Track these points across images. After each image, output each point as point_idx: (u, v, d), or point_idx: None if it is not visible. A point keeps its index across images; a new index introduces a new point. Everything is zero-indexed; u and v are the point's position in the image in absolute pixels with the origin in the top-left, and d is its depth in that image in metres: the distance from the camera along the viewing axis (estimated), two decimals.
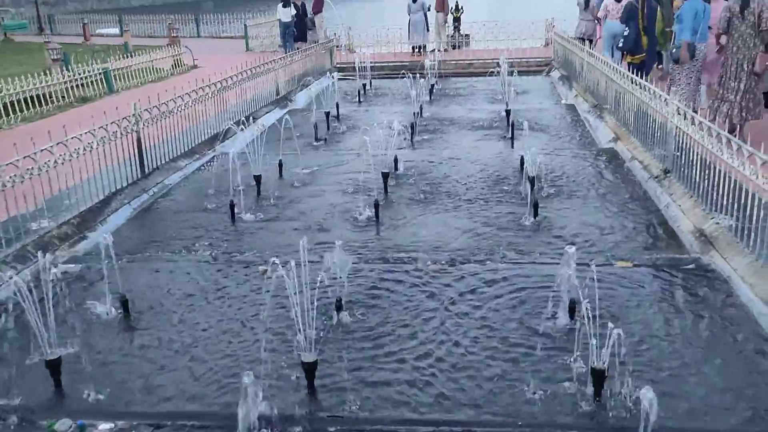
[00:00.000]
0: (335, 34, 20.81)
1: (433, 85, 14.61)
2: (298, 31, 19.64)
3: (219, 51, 21.54)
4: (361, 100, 14.21)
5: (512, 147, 9.61)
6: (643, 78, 8.68)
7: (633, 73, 8.78)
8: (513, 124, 10.10)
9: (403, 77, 13.51)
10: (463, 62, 18.27)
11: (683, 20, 9.21)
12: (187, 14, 30.31)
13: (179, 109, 8.91)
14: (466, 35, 21.65)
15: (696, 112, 6.72)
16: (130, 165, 7.76)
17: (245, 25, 23.57)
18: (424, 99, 13.06)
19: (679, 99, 6.87)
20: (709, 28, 9.28)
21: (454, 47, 20.89)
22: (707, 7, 9.29)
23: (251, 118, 10.62)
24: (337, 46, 19.70)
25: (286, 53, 15.33)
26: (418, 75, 13.64)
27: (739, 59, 8.27)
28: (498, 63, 14.58)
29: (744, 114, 8.27)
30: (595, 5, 14.37)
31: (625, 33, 11.02)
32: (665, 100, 7.10)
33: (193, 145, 9.31)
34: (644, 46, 10.99)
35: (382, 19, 27.41)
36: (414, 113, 11.34)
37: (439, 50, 19.27)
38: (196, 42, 23.52)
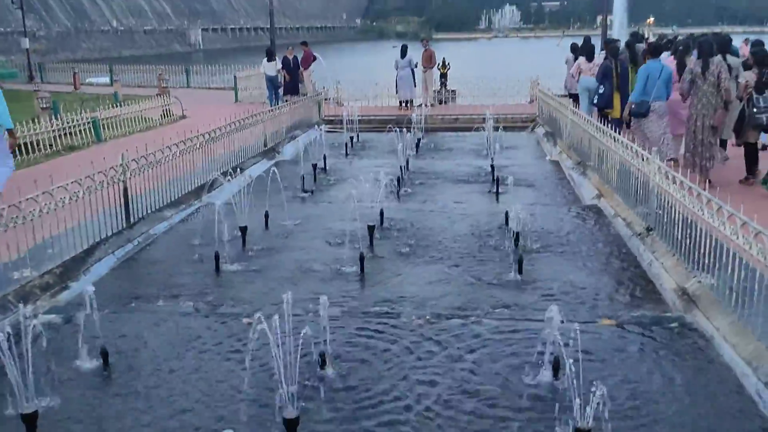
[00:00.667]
0: (324, 87, 21.10)
1: (419, 139, 14.79)
2: (289, 83, 19.95)
3: (208, 102, 21.75)
4: (349, 152, 14.35)
5: (497, 202, 9.70)
6: (617, 132, 8.96)
7: (609, 125, 9.23)
8: (498, 179, 10.22)
9: (390, 131, 13.69)
10: (449, 117, 18.54)
11: (637, 82, 10.16)
12: (178, 65, 30.71)
13: (167, 159, 8.94)
14: (453, 91, 22.04)
15: (662, 161, 7.10)
16: (116, 214, 7.75)
17: (235, 76, 23.87)
18: (411, 153, 13.21)
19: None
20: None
21: (440, 102, 21.22)
22: (665, 67, 10.09)
23: (238, 169, 10.70)
24: (326, 99, 19.97)
25: (271, 106, 15.49)
26: (405, 129, 13.83)
27: (704, 115, 9.11)
28: (484, 118, 14.85)
29: (709, 163, 9.22)
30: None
31: (600, 90, 11.70)
32: (647, 158, 7.23)
33: (180, 195, 9.32)
34: (617, 103, 11.52)
35: (370, 73, 27.86)
36: (400, 167, 11.45)
37: (426, 105, 19.59)
38: (186, 92, 23.77)
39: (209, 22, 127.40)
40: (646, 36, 18.33)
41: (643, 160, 7.39)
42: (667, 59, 11.22)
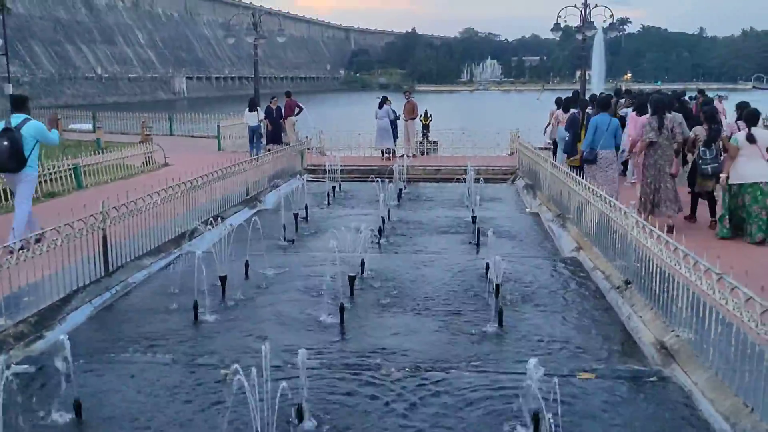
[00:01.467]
0: (307, 137, 21.28)
1: (401, 190, 14.89)
2: (272, 133, 20.13)
3: (191, 150, 21.83)
4: (331, 202, 14.40)
5: (477, 253, 9.75)
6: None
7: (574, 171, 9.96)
8: (479, 231, 10.29)
9: (373, 181, 13.79)
10: (431, 168, 18.72)
11: (587, 132, 11.32)
12: (162, 113, 30.87)
13: (147, 207, 8.92)
14: (435, 142, 22.32)
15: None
16: (94, 262, 7.68)
17: (218, 125, 24.02)
18: (393, 203, 13.28)
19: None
20: None
21: (422, 153, 21.46)
22: (612, 120, 11.26)
23: (219, 217, 10.68)
24: (309, 149, 20.10)
25: (252, 156, 15.50)
26: (387, 179, 13.94)
27: (660, 165, 10.06)
28: (465, 170, 15.02)
29: (668, 208, 10.01)
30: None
31: (566, 138, 12.56)
32: (625, 212, 7.33)
33: (160, 244, 9.27)
34: (579, 151, 11.97)
35: (353, 123, 28.17)
36: (382, 217, 11.50)
37: (408, 156, 19.78)
38: (169, 140, 23.85)
39: (194, 70, 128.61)
40: (627, 90, 18.85)
41: (621, 213, 7.49)
42: (631, 114, 12.71)
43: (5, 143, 8.63)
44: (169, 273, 8.59)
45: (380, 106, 20.35)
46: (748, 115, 9.64)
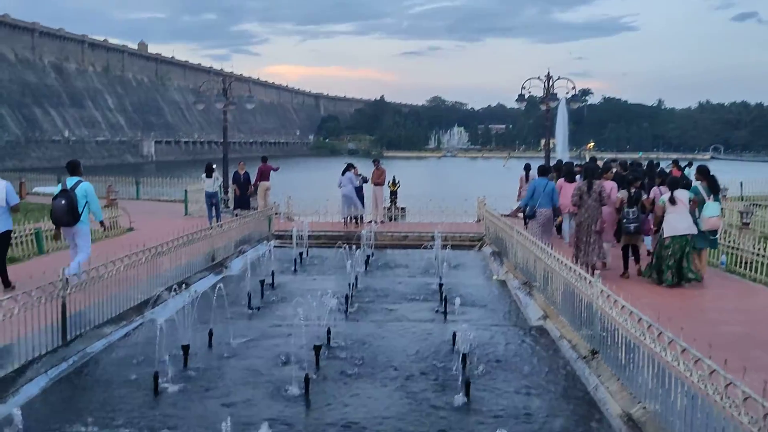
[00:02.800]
0: (275, 202, 21.25)
1: (369, 256, 14.86)
2: (240, 198, 20.03)
3: (157, 214, 21.62)
4: (298, 268, 14.29)
5: (445, 321, 9.70)
6: None
7: None
8: (446, 299, 10.27)
9: (340, 247, 13.76)
10: (398, 234, 18.75)
11: (527, 193, 13.20)
12: (128, 176, 30.69)
13: (109, 274, 8.75)
14: (402, 208, 22.44)
15: None
16: (52, 331, 7.45)
17: (185, 189, 23.88)
18: (360, 270, 13.22)
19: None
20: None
21: (390, 219, 21.54)
22: (549, 183, 13.03)
23: (184, 284, 10.51)
24: (277, 214, 20.05)
25: (210, 224, 15.23)
26: (354, 245, 13.91)
27: (589, 223, 11.54)
28: (432, 237, 15.07)
29: (596, 259, 11.44)
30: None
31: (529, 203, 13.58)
32: (590, 281, 7.39)
33: (121, 311, 9.06)
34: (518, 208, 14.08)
35: (321, 189, 28.29)
36: (349, 284, 11.43)
37: (375, 222, 19.83)
38: (135, 204, 23.64)
39: (163, 134, 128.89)
40: (612, 160, 19.33)
41: (586, 282, 7.54)
42: (559, 181, 14.32)
43: (63, 202, 10.11)
44: (130, 342, 8.38)
45: (343, 173, 20.41)
46: (670, 181, 11.27)
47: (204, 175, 19.28)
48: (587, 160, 21.40)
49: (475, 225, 20.12)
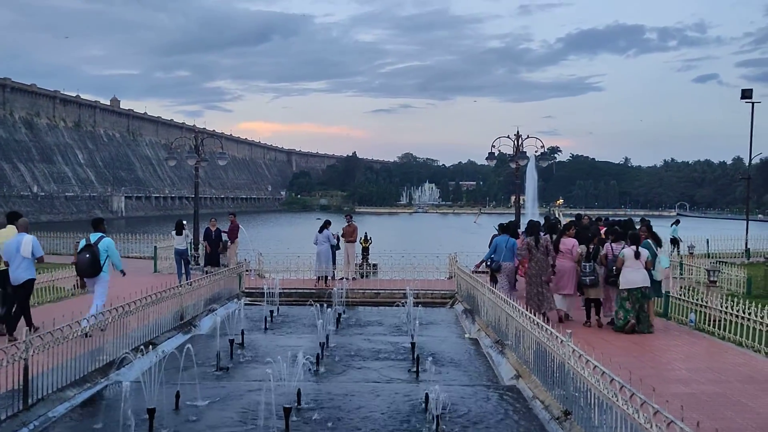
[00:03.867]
0: (246, 259, 21.09)
1: (340, 314, 14.74)
2: (210, 255, 19.82)
3: (126, 271, 21.25)
4: (268, 327, 14.11)
5: (417, 381, 9.59)
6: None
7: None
8: (418, 358, 10.17)
9: (311, 305, 13.63)
10: (370, 292, 18.68)
11: (489, 248, 14.62)
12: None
13: (74, 335, 8.53)
14: (374, 265, 22.40)
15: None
16: (13, 395, 7.21)
17: (155, 246, 23.62)
18: (331, 328, 13.09)
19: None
20: None
21: (362, 276, 21.46)
22: (510, 240, 14.18)
23: (151, 344, 10.30)
24: (247, 271, 19.87)
25: (179, 281, 15.04)
26: (326, 303, 13.79)
27: (539, 274, 12.77)
28: (404, 294, 15.02)
29: (546, 306, 12.62)
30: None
31: (492, 257, 14.59)
32: (561, 341, 7.38)
33: (86, 373, 8.81)
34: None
35: (293, 245, 28.17)
36: (320, 343, 11.29)
37: (347, 279, 19.73)
38: None
39: (133, 189, 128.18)
40: (598, 218, 19.56)
41: (558, 341, 7.53)
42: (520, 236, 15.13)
43: (87, 256, 11.45)
44: (93, 406, 8.13)
45: (320, 231, 20.26)
46: (632, 236, 12.36)
47: (174, 231, 19.13)
48: (554, 217, 21.98)
49: (447, 282, 20.14)
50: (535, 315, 9.10)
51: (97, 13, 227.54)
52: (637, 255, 11.82)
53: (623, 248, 12.13)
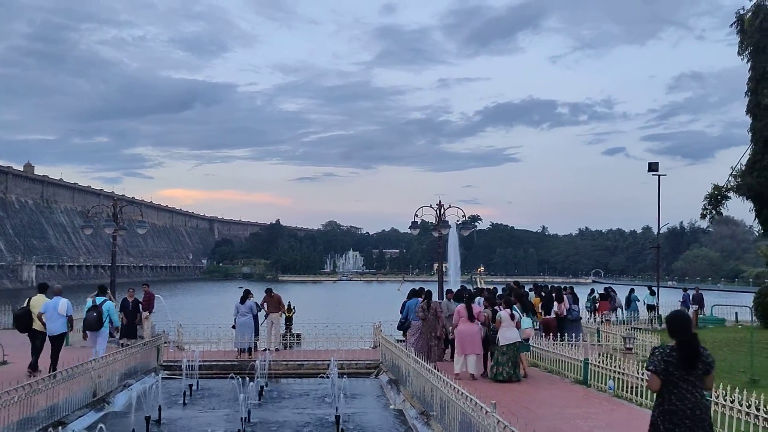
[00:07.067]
0: (164, 330, 20.39)
1: (263, 387, 14.35)
2: (127, 326, 19.05)
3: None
4: (187, 401, 13.58)
5: None
6: None
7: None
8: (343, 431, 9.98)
9: (233, 378, 13.25)
10: (294, 363, 18.29)
11: (403, 310, 17.75)
12: (4, 304, 28.76)
13: None
14: (298, 335, 22.03)
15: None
16: None
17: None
18: (254, 402, 12.71)
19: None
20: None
21: (285, 347, 21.02)
22: (419, 301, 16.32)
23: (60, 424, 9.74)
24: (166, 343, 19.17)
25: (93, 355, 14.38)
26: (248, 376, 13.42)
27: (432, 331, 15.58)
28: (328, 365, 14.80)
29: (433, 357, 14.84)
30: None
31: (403, 320, 17.33)
32: (486, 411, 7.40)
33: None
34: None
35: (213, 315, 27.49)
36: (242, 418, 10.93)
37: (270, 350, 19.28)
38: (10, 335, 22.01)
39: (45, 258, 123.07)
40: (478, 285, 20.03)
41: (482, 412, 7.55)
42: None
43: (94, 314, 14.89)
44: None
45: (242, 301, 19.65)
46: (507, 300, 14.76)
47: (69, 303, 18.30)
48: (478, 284, 22.71)
49: (372, 351, 19.97)
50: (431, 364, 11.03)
51: (11, 77, 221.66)
52: (511, 316, 14.14)
53: (500, 311, 14.34)
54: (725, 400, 9.15)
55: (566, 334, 17.78)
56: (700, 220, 25.92)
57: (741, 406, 8.92)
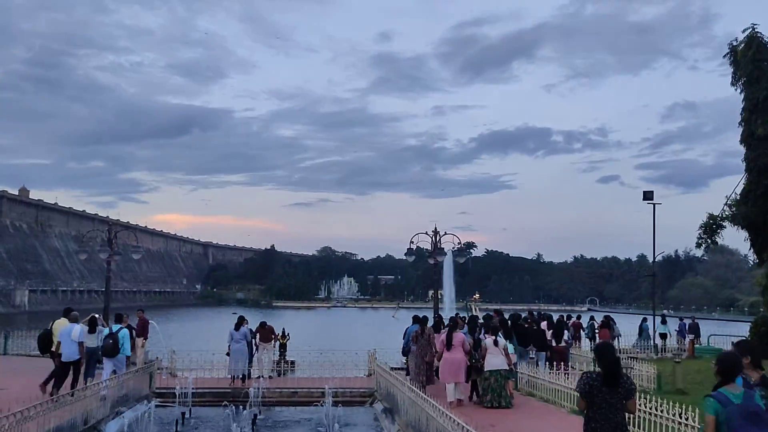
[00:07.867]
0: (157, 357, 20.22)
1: (256, 415, 14.20)
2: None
3: (27, 372, 19.94)
4: (180, 430, 13.42)
5: None
6: None
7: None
8: None
9: (226, 406, 13.12)
10: (287, 391, 18.12)
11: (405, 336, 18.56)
12: None
13: None
14: (292, 362, 21.88)
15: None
16: None
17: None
18: (247, 431, 12.58)
19: None
20: None
21: (279, 374, 20.85)
22: (415, 326, 17.22)
23: None
24: (159, 370, 18.98)
25: (86, 382, 14.17)
26: (241, 404, 13.29)
27: (423, 356, 15.85)
28: (323, 393, 14.68)
29: (427, 381, 15.36)
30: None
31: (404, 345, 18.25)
32: None
33: None
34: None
35: (207, 341, 27.27)
36: None
37: (264, 377, 19.11)
38: (2, 360, 21.86)
39: (39, 282, 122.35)
40: (473, 312, 20.08)
41: None
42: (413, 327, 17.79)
43: (111, 341, 15.51)
44: None
45: (237, 328, 19.42)
46: (493, 327, 15.14)
47: (86, 329, 18.06)
48: (473, 311, 22.99)
49: (366, 379, 19.81)
50: (416, 386, 11.77)
51: (8, 101, 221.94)
52: (495, 343, 14.50)
53: (485, 339, 14.74)
54: None
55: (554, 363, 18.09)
56: (696, 248, 25.97)
57: None
